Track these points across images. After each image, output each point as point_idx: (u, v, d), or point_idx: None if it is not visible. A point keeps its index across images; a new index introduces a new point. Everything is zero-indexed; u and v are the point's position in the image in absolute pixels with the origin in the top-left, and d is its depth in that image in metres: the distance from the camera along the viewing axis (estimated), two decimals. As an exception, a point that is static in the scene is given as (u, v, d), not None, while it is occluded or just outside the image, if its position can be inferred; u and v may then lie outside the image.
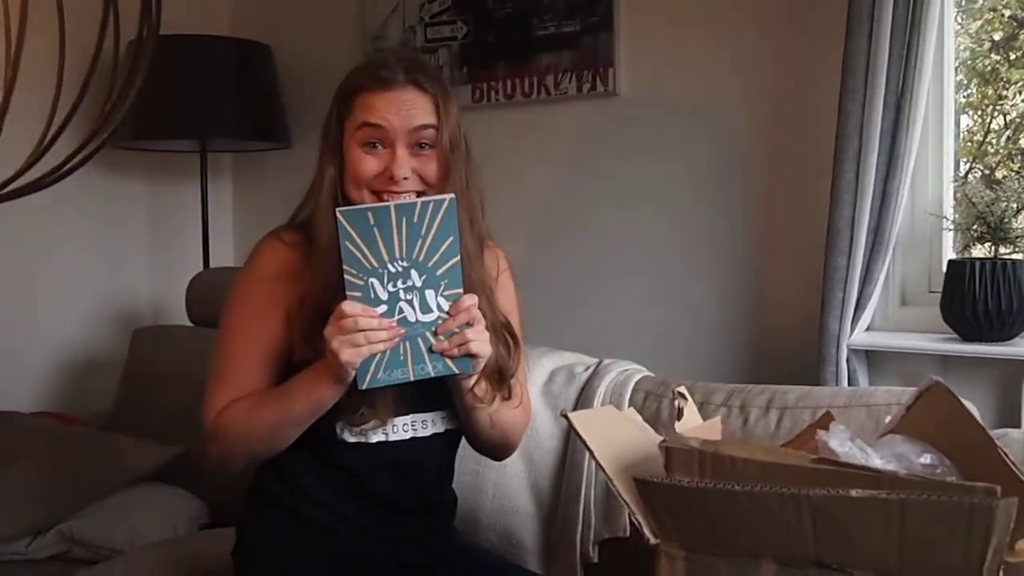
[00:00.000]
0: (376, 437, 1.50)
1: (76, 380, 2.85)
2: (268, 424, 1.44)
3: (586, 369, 2.00)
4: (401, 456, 1.52)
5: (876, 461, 1.07)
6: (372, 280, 1.31)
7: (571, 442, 1.90)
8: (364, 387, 1.34)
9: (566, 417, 1.23)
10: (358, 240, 1.29)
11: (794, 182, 2.21)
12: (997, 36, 2.27)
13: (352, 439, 1.49)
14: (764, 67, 2.25)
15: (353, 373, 1.33)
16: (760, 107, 2.26)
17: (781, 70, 2.23)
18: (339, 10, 2.95)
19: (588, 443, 1.19)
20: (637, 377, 1.96)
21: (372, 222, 1.30)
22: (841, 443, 1.09)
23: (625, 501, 1.13)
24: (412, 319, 1.33)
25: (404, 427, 1.52)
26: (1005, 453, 1.06)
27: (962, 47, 2.24)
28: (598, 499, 1.83)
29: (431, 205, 1.31)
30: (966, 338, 1.94)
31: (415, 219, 1.31)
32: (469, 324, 1.35)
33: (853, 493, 0.95)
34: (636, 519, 1.12)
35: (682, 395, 1.41)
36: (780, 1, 2.22)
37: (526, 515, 1.90)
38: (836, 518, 0.97)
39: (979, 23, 2.28)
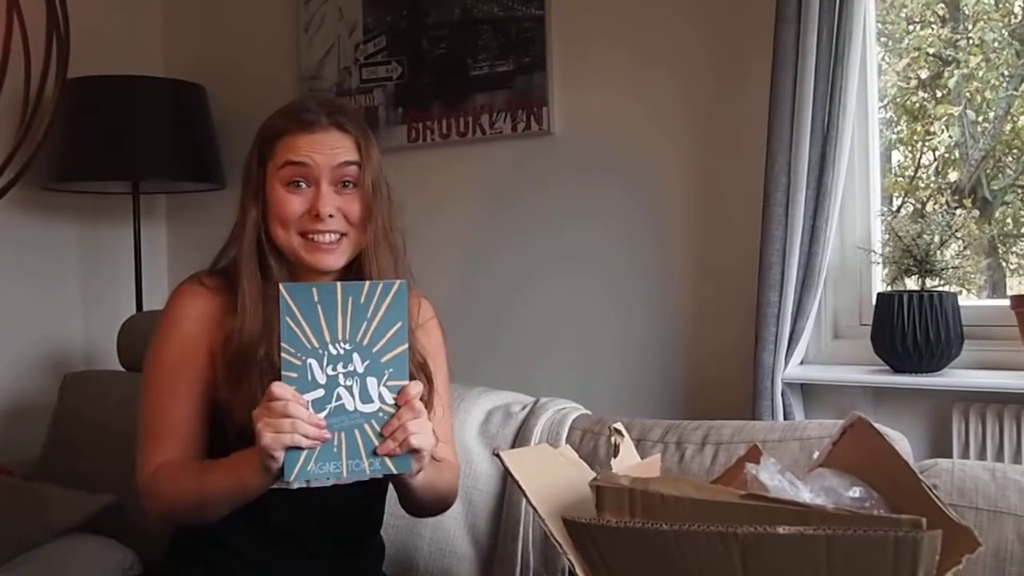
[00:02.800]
0: (297, 483, 1.46)
1: (4, 428, 2.77)
2: (192, 499, 1.40)
3: (523, 408, 1.99)
4: (323, 503, 1.48)
5: (805, 494, 1.08)
6: (311, 361, 1.24)
7: (509, 482, 1.88)
8: (291, 479, 1.25)
9: (499, 456, 1.22)
10: (299, 317, 1.23)
11: (727, 219, 2.24)
12: (923, 74, 2.33)
13: (274, 485, 1.45)
14: (697, 105, 2.28)
15: (279, 462, 1.24)
16: (694, 145, 2.29)
17: (714, 108, 2.26)
18: (274, 50, 2.95)
19: (521, 483, 1.18)
20: (574, 415, 1.95)
21: (316, 299, 1.24)
22: (771, 476, 1.09)
23: (557, 542, 1.11)
24: (350, 407, 1.26)
25: None
26: (928, 486, 1.07)
27: (890, 84, 2.30)
28: (536, 539, 1.82)
29: (380, 287, 1.26)
30: (897, 369, 1.97)
31: (362, 300, 1.25)
32: (412, 418, 1.28)
33: (780, 530, 0.95)
34: (569, 560, 1.11)
35: (619, 432, 1.40)
36: (712, 40, 2.26)
37: (464, 557, 1.87)
38: (765, 555, 0.97)
39: (905, 61, 2.34)
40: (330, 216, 1.45)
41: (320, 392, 1.25)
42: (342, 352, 1.25)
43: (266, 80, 2.94)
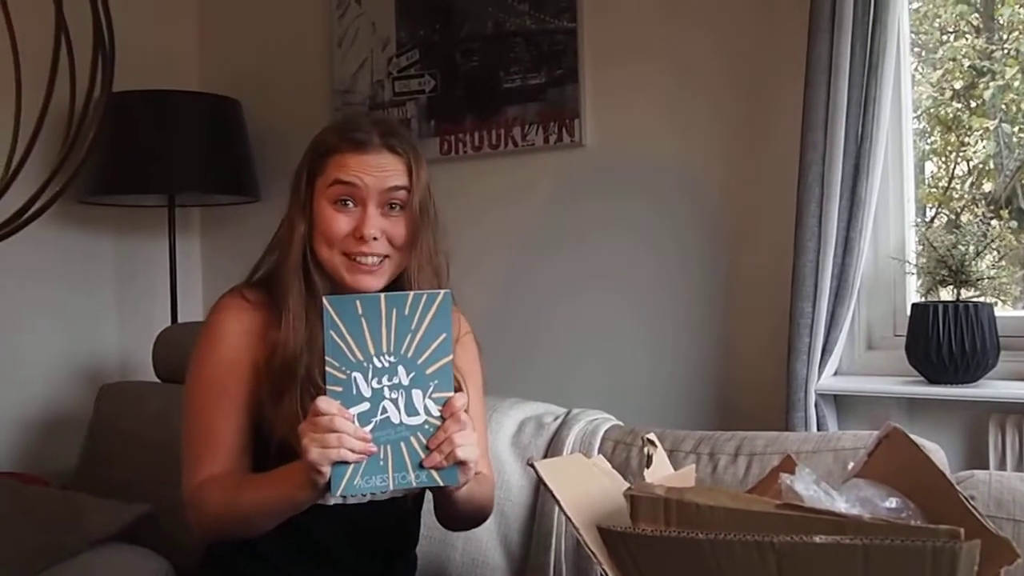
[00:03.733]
0: (334, 500, 1.46)
1: (41, 439, 2.80)
2: (241, 512, 1.39)
3: (555, 419, 1.99)
4: (359, 519, 1.49)
5: (841, 505, 1.07)
6: (355, 375, 1.24)
7: (541, 493, 1.88)
8: (338, 494, 1.25)
9: (533, 466, 1.22)
10: (344, 330, 1.23)
11: (760, 230, 2.23)
12: (958, 85, 2.32)
13: (319, 498, 1.46)
14: (729, 117, 2.28)
15: (326, 476, 1.23)
16: (726, 156, 2.29)
17: (746, 120, 2.26)
18: (308, 65, 2.97)
19: (555, 492, 1.18)
20: (606, 426, 1.95)
21: (360, 312, 1.23)
22: (806, 486, 1.08)
23: (592, 552, 1.11)
24: (396, 420, 1.25)
25: None
26: (965, 497, 1.06)
27: (924, 96, 2.29)
28: (569, 550, 1.81)
29: (424, 298, 1.25)
30: (932, 381, 1.96)
31: (406, 312, 1.24)
32: (458, 430, 1.26)
33: (817, 539, 0.95)
34: (603, 570, 1.11)
35: (651, 442, 1.39)
36: (744, 51, 2.25)
37: (496, 568, 1.87)
38: (801, 564, 0.97)
39: (940, 72, 2.33)
40: (374, 239, 1.45)
41: (366, 405, 1.24)
42: (387, 365, 1.24)
43: (300, 94, 2.97)
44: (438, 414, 1.27)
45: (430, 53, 2.72)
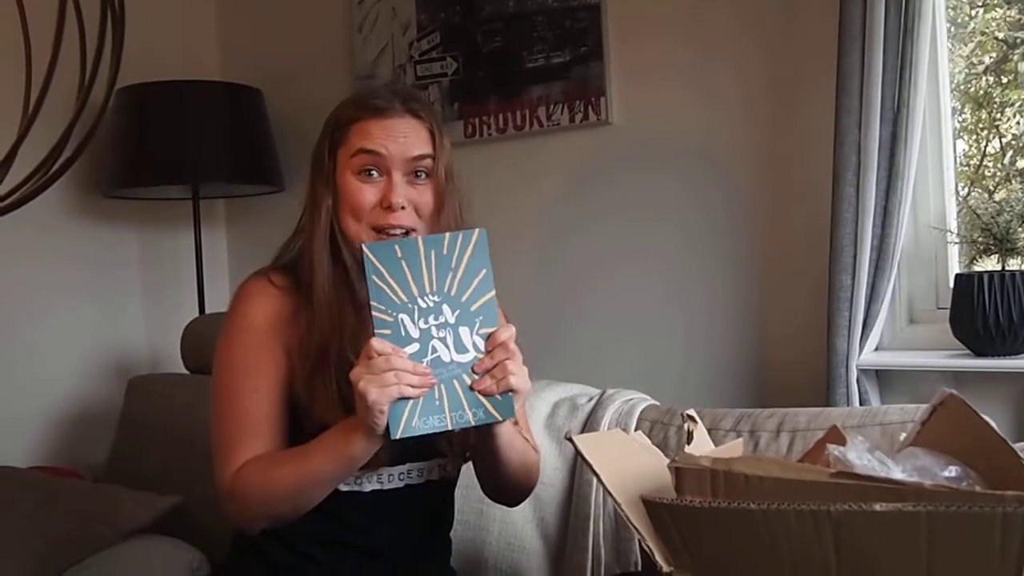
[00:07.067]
0: (370, 486, 1.45)
1: (72, 432, 2.80)
2: (290, 484, 1.36)
3: (589, 400, 1.96)
4: (395, 505, 1.47)
5: (897, 474, 1.02)
6: (402, 316, 1.25)
7: (577, 475, 1.85)
8: (397, 437, 1.23)
9: (571, 440, 1.18)
10: (385, 274, 1.25)
11: (794, 202, 2.18)
12: (988, 59, 2.25)
13: (346, 488, 1.43)
14: (759, 89, 2.23)
15: (385, 419, 1.22)
16: (756, 128, 2.24)
17: (776, 90, 2.21)
18: (328, 51, 2.94)
19: (594, 467, 1.14)
20: (642, 406, 1.91)
21: (400, 255, 1.25)
22: (860, 455, 1.04)
23: (635, 527, 1.07)
24: (447, 359, 1.26)
25: (400, 476, 1.47)
26: (1031, 462, 1.01)
27: (957, 71, 2.23)
28: (607, 532, 1.78)
29: (460, 237, 1.27)
30: (978, 353, 1.90)
31: (444, 251, 1.26)
32: (507, 358, 1.27)
33: (877, 507, 0.90)
34: (647, 546, 1.06)
35: (691, 418, 1.35)
36: (772, 21, 2.20)
37: (533, 552, 1.84)
38: (859, 535, 0.92)
39: (970, 47, 2.27)
40: (402, 208, 1.42)
41: (415, 347, 1.25)
42: (431, 305, 1.26)
43: (321, 81, 2.93)
44: (487, 349, 1.28)
45: (451, 35, 2.68)
